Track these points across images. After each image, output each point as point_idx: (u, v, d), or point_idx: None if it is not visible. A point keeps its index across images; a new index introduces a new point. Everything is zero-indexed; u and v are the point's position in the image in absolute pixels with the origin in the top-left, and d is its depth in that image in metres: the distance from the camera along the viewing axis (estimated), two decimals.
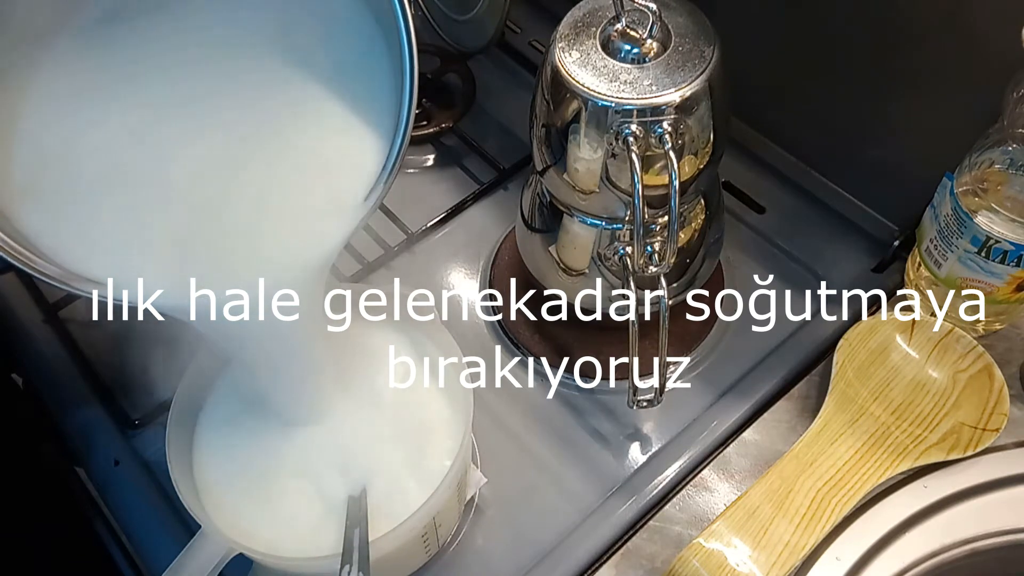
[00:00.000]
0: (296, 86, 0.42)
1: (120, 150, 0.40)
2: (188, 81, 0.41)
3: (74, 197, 0.39)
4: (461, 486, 0.56)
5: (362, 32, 0.42)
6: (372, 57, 0.42)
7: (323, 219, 0.41)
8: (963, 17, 0.58)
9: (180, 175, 0.40)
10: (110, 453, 0.63)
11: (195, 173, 0.40)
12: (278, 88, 0.42)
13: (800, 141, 0.74)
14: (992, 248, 0.57)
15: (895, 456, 0.57)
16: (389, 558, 0.52)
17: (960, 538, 0.55)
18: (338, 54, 0.42)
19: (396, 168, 0.42)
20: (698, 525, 0.57)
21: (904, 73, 0.63)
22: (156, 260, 0.39)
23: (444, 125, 0.80)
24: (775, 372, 0.65)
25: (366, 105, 0.42)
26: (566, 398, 0.66)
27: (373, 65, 0.42)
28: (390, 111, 0.42)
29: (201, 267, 0.39)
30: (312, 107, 0.42)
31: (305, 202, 0.41)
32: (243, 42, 0.42)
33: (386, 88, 0.42)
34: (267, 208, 0.41)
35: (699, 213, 0.61)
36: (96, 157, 0.40)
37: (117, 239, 0.39)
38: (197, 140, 0.41)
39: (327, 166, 0.42)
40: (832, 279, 0.70)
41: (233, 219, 0.40)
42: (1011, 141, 0.55)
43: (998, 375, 0.60)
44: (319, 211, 0.41)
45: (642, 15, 0.52)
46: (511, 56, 0.86)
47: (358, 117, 0.42)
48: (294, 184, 0.42)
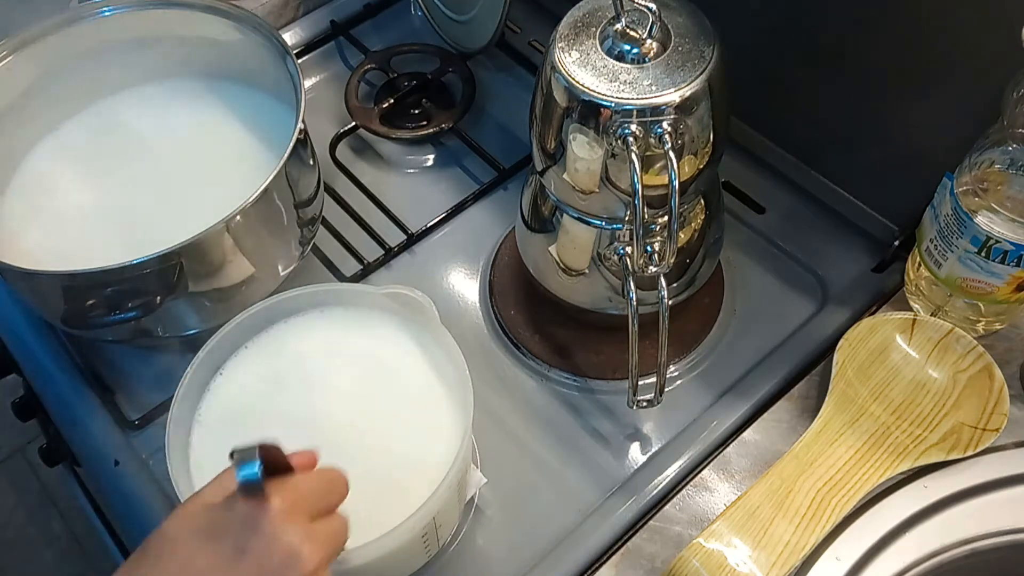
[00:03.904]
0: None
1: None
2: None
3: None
4: (461, 486, 0.56)
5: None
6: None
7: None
8: (963, 17, 0.58)
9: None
10: (110, 453, 0.63)
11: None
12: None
13: (800, 141, 0.74)
14: (992, 248, 0.57)
15: (895, 456, 0.57)
16: (389, 558, 0.52)
17: (960, 538, 0.55)
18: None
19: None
20: (698, 525, 0.57)
21: (904, 73, 0.63)
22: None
23: (444, 125, 0.80)
24: (775, 372, 0.65)
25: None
26: (566, 398, 0.66)
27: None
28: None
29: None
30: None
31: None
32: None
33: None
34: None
35: (699, 213, 0.61)
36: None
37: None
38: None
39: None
40: (832, 279, 0.70)
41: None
42: (1011, 141, 0.55)
43: (998, 375, 0.60)
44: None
45: (642, 15, 0.52)
46: (511, 56, 0.86)
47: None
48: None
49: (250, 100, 0.73)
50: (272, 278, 0.67)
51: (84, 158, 0.71)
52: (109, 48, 0.71)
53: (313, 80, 0.87)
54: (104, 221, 0.68)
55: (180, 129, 0.73)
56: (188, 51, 0.73)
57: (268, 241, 0.65)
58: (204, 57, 0.73)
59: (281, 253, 0.67)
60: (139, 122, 0.73)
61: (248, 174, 0.66)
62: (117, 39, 0.71)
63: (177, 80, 0.75)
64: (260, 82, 0.72)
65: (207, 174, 0.70)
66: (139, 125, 0.73)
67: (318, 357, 0.58)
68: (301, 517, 0.41)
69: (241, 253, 0.62)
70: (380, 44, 0.87)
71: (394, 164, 0.81)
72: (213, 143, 0.71)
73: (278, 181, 0.61)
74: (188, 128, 0.73)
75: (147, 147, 0.72)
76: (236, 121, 0.73)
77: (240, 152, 0.70)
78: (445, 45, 0.86)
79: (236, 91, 0.74)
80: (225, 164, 0.70)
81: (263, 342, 0.59)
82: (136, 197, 0.69)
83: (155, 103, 0.74)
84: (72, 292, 0.61)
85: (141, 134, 0.72)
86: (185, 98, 0.74)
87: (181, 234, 0.57)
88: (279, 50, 0.67)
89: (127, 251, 0.56)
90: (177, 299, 0.61)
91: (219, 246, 0.61)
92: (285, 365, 0.58)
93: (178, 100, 0.74)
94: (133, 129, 0.73)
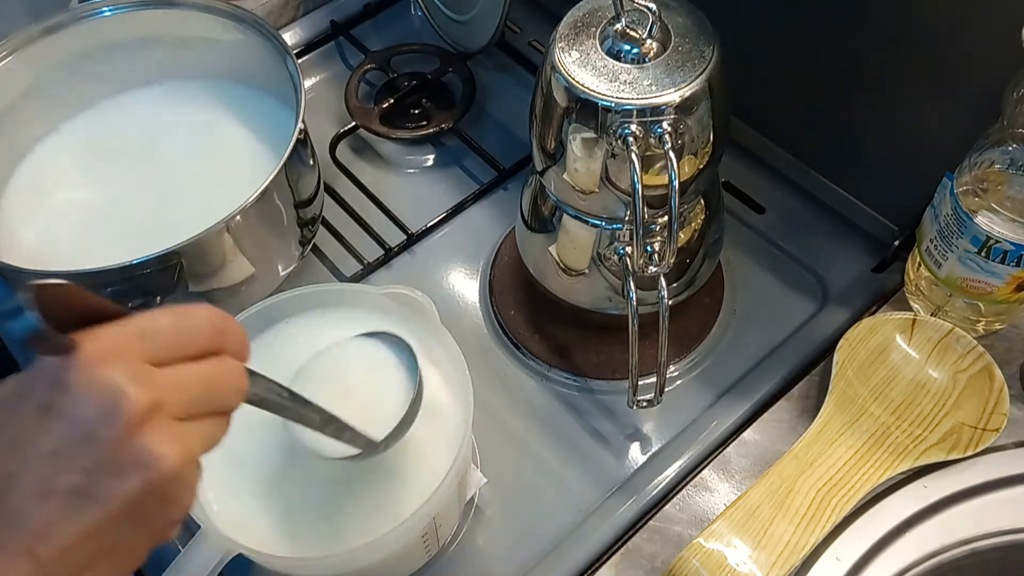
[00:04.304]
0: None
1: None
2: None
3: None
4: (461, 486, 0.56)
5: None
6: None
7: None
8: (963, 17, 0.58)
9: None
10: None
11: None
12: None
13: (800, 141, 0.74)
14: (992, 248, 0.57)
15: (895, 456, 0.57)
16: (389, 558, 0.52)
17: (960, 538, 0.55)
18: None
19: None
20: (698, 525, 0.57)
21: (904, 73, 0.63)
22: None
23: (444, 125, 0.80)
24: (775, 372, 0.65)
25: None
26: (566, 398, 0.66)
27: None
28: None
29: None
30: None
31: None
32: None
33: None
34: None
35: (699, 213, 0.61)
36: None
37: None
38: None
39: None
40: (832, 279, 0.70)
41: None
42: (1011, 141, 0.55)
43: (998, 375, 0.60)
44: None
45: (642, 15, 0.52)
46: (511, 56, 0.86)
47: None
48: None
49: (250, 100, 0.73)
50: (272, 278, 0.67)
51: (84, 158, 0.71)
52: (109, 48, 0.71)
53: (313, 80, 0.87)
54: (104, 221, 0.68)
55: (180, 129, 0.73)
56: (188, 51, 0.73)
57: (268, 241, 0.65)
58: (204, 57, 0.73)
59: (281, 253, 0.67)
60: (139, 122, 0.73)
61: (248, 174, 0.66)
62: (117, 39, 0.71)
63: (177, 80, 0.75)
64: (260, 82, 0.72)
65: (207, 174, 0.70)
66: (139, 125, 0.73)
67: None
68: (128, 362, 0.32)
69: (241, 253, 0.62)
70: (380, 44, 0.87)
71: (394, 164, 0.81)
72: (213, 143, 0.72)
73: (278, 181, 0.61)
74: (188, 128, 0.73)
75: (147, 147, 0.72)
76: (236, 121, 0.73)
77: (240, 152, 0.71)
78: (445, 45, 0.86)
79: (236, 91, 0.74)
80: (225, 164, 0.70)
81: (263, 342, 0.58)
82: (136, 197, 0.69)
83: (155, 103, 0.74)
84: None
85: (141, 134, 0.73)
86: (185, 98, 0.74)
87: (181, 234, 0.57)
88: (279, 50, 0.68)
89: (127, 251, 0.57)
90: (177, 299, 0.61)
91: (219, 246, 0.61)
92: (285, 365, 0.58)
93: (178, 100, 0.74)
94: (133, 129, 0.73)
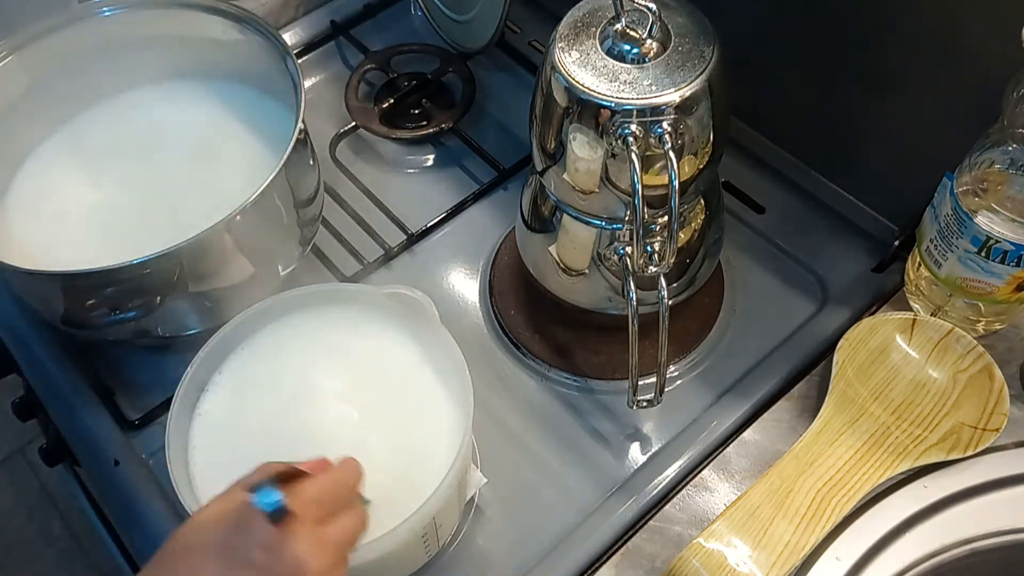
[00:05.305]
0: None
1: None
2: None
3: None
4: (461, 486, 0.56)
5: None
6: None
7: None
8: (963, 17, 0.58)
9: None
10: (110, 453, 0.63)
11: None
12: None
13: (800, 141, 0.74)
14: (992, 248, 0.57)
15: (895, 456, 0.57)
16: (389, 558, 0.52)
17: (960, 538, 0.55)
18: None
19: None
20: (698, 525, 0.57)
21: (904, 73, 0.63)
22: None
23: (444, 125, 0.80)
24: (775, 372, 0.65)
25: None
26: (566, 398, 0.66)
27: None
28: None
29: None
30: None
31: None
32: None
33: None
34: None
35: (699, 213, 0.61)
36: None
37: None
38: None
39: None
40: (832, 279, 0.70)
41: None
42: (1011, 141, 0.55)
43: (998, 375, 0.60)
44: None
45: (642, 15, 0.52)
46: (511, 56, 0.86)
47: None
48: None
49: (250, 100, 0.73)
50: (272, 278, 0.67)
51: (84, 158, 0.71)
52: (109, 48, 0.71)
53: (313, 80, 0.87)
54: (104, 221, 0.68)
55: (180, 129, 0.73)
56: (188, 51, 0.73)
57: (268, 241, 0.65)
58: (204, 57, 0.73)
59: (281, 253, 0.67)
60: (139, 122, 0.73)
61: (248, 174, 0.66)
62: (117, 39, 0.71)
63: (177, 80, 0.75)
64: (260, 82, 0.72)
65: (207, 174, 0.70)
66: (139, 125, 0.73)
67: (318, 357, 0.58)
68: (309, 524, 0.42)
69: (241, 253, 0.62)
70: (380, 44, 0.87)
71: (394, 164, 0.81)
72: (213, 143, 0.72)
73: (278, 181, 0.61)
74: (188, 128, 0.73)
75: (147, 147, 0.72)
76: (236, 121, 0.73)
77: (240, 152, 0.71)
78: (445, 45, 0.86)
79: (236, 91, 0.74)
80: (225, 164, 0.70)
81: (263, 342, 0.59)
82: (136, 197, 0.69)
83: (155, 103, 0.74)
84: (72, 292, 0.61)
85: (141, 134, 0.73)
86: (185, 98, 0.74)
87: (181, 234, 0.57)
88: (279, 50, 0.68)
89: (127, 251, 0.57)
90: (177, 299, 0.61)
91: (219, 246, 0.61)
92: (285, 365, 0.58)
93: (178, 100, 0.74)
94: (133, 129, 0.73)
